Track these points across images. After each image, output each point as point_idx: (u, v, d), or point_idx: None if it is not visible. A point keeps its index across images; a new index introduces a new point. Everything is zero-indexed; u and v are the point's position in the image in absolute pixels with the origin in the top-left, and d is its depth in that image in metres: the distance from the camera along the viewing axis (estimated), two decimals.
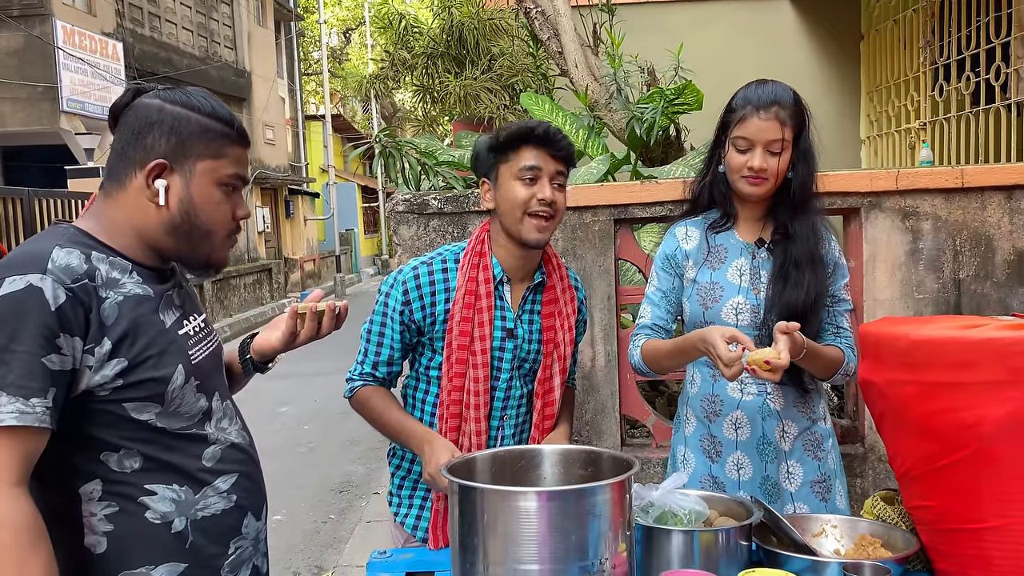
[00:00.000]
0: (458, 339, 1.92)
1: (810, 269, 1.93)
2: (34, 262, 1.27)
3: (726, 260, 2.00)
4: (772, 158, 1.89)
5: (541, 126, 1.88)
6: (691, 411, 2.09)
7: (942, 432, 1.48)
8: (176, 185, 1.40)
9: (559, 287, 2.02)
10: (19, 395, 1.22)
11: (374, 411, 1.98)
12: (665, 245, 2.07)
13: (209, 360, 1.49)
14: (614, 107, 3.80)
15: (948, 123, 5.99)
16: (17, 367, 1.22)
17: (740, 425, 2.01)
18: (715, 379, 2.02)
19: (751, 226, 2.02)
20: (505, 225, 1.92)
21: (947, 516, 1.52)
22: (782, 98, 1.91)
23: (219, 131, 1.42)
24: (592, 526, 1.34)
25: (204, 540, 1.42)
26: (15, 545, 1.19)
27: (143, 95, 1.43)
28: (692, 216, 2.07)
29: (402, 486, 2.08)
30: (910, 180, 2.68)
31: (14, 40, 12.36)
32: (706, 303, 1.99)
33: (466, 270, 1.94)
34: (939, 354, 1.48)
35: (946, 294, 2.72)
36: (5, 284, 1.25)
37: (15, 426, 1.22)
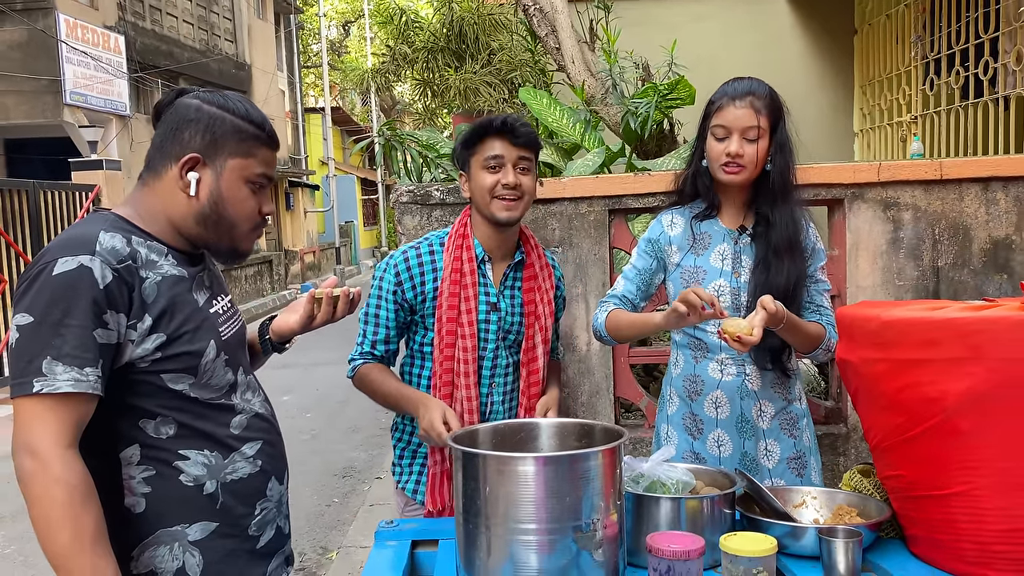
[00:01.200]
0: (447, 313, 2.10)
1: (789, 256, 2.04)
2: (84, 244, 1.38)
3: (710, 246, 2.12)
4: (749, 145, 2.00)
5: (499, 118, 2.08)
6: (674, 391, 2.21)
7: (909, 406, 1.57)
8: (207, 178, 1.51)
9: (537, 265, 2.21)
10: (74, 364, 1.33)
11: (373, 383, 2.16)
12: (650, 230, 2.20)
13: (235, 337, 1.61)
14: (610, 102, 3.90)
15: (938, 116, 6.08)
16: (72, 339, 1.34)
17: (720, 404, 2.13)
18: (696, 360, 2.14)
19: (734, 214, 2.13)
20: (479, 209, 2.11)
21: (916, 484, 1.61)
22: (757, 90, 2.03)
23: (251, 132, 1.53)
24: (585, 489, 1.45)
25: (233, 501, 1.54)
26: (69, 503, 1.30)
27: (185, 95, 1.55)
28: (678, 206, 2.20)
29: (403, 455, 2.25)
30: (891, 172, 2.78)
31: (18, 34, 12.42)
32: (689, 285, 2.10)
33: (451, 251, 2.13)
34: (907, 333, 1.58)
35: (925, 281, 2.82)
36: (59, 264, 1.36)
37: (71, 392, 1.33)
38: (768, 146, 2.03)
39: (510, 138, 2.06)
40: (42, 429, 1.32)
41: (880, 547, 1.68)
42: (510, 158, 2.07)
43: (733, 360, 2.11)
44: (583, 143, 3.93)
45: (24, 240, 9.36)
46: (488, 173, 2.07)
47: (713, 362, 2.12)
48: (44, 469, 1.31)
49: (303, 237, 23.91)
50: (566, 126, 3.99)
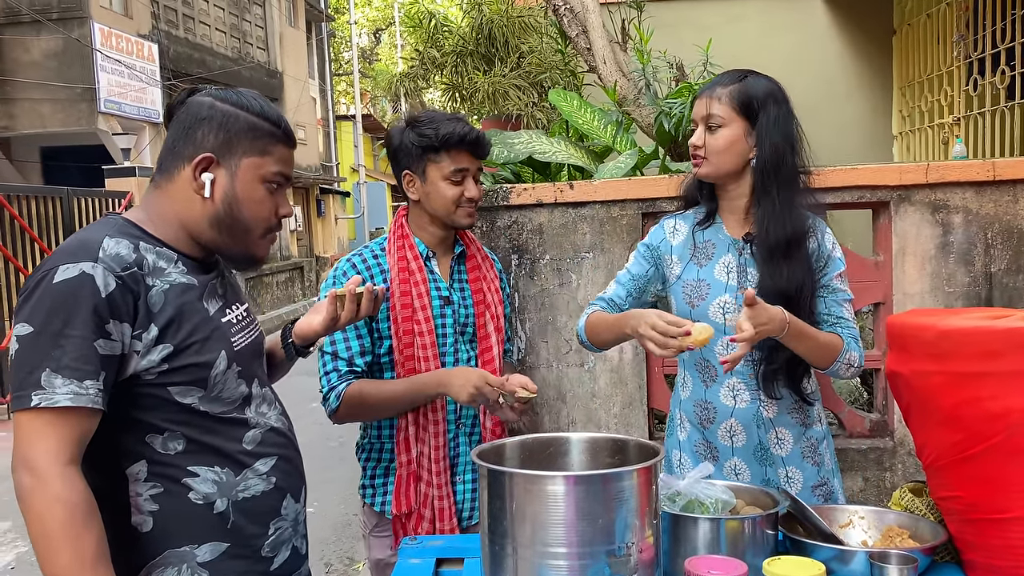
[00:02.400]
0: (401, 313, 2.06)
1: (786, 259, 1.86)
2: (86, 250, 1.33)
3: (713, 256, 1.97)
4: (710, 136, 1.88)
5: (471, 133, 2.05)
6: (684, 415, 2.05)
7: (968, 422, 1.48)
8: (221, 179, 1.45)
9: (478, 256, 2.22)
10: (74, 377, 1.28)
11: (373, 395, 2.04)
12: (652, 235, 2.06)
13: (250, 348, 1.54)
14: (642, 103, 3.81)
15: (982, 118, 5.91)
16: (72, 350, 1.28)
17: (735, 433, 1.97)
18: (706, 385, 1.97)
19: (737, 220, 1.97)
20: (435, 215, 2.10)
21: (974, 506, 1.52)
22: (726, 78, 1.91)
23: (266, 130, 1.47)
24: (619, 511, 1.36)
25: (245, 520, 1.47)
26: (70, 522, 1.25)
27: (197, 94, 1.49)
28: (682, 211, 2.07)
29: (374, 475, 2.18)
30: (940, 173, 2.67)
31: (53, 43, 12.63)
32: (692, 300, 1.96)
33: (394, 252, 2.11)
34: (965, 344, 1.48)
35: (977, 288, 2.70)
36: (59, 271, 1.30)
37: (70, 407, 1.27)
38: (742, 137, 1.87)
39: (477, 152, 2.07)
40: (41, 445, 1.26)
41: (934, 572, 1.57)
42: (472, 170, 2.09)
43: (745, 385, 1.94)
44: (615, 145, 3.84)
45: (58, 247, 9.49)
46: (452, 185, 2.06)
47: (723, 388, 1.95)
48: (43, 487, 1.25)
49: (334, 243, 24.06)
50: (597, 128, 3.91)
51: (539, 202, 2.88)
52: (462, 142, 2.03)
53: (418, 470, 2.09)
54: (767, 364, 1.91)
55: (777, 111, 1.88)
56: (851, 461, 2.88)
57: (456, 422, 2.12)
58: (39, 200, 9.21)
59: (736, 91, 1.87)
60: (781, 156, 1.87)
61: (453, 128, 2.03)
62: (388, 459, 2.14)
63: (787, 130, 1.89)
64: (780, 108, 1.89)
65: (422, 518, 2.09)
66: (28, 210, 8.98)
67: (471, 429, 2.14)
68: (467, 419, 2.13)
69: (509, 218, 2.94)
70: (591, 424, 2.85)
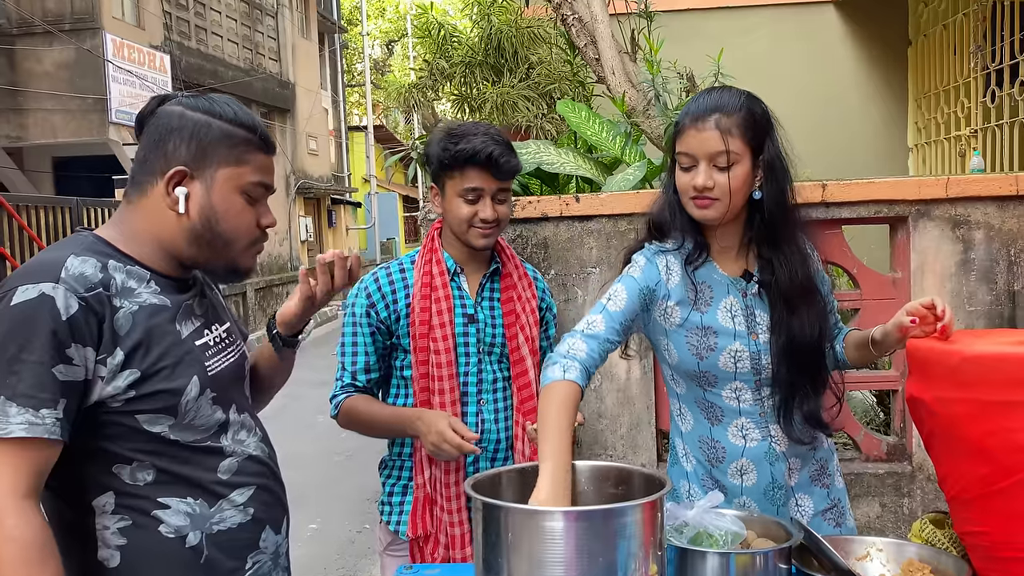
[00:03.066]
0: (419, 328, 2.00)
1: (806, 305, 1.74)
2: (48, 271, 1.26)
3: (713, 300, 1.76)
4: (720, 174, 1.65)
5: (485, 151, 1.93)
6: (689, 450, 1.88)
7: (997, 454, 1.41)
8: (196, 192, 1.38)
9: (515, 274, 2.12)
10: (29, 406, 1.21)
11: (361, 416, 2.04)
12: (646, 275, 1.76)
13: (228, 371, 1.46)
14: (652, 114, 3.75)
15: (1000, 130, 5.82)
16: (27, 377, 1.21)
17: (746, 472, 1.83)
18: (712, 423, 1.81)
19: (731, 256, 1.78)
20: (452, 231, 2.03)
21: (1003, 544, 1.45)
22: (725, 104, 1.67)
23: (241, 137, 1.40)
24: (621, 548, 1.29)
25: (220, 554, 1.39)
26: (20, 561, 1.17)
27: (167, 102, 1.41)
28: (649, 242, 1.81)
29: (392, 492, 2.13)
30: (961, 188, 2.59)
31: (66, 53, 12.70)
32: (700, 353, 1.76)
33: (420, 266, 2.05)
34: (993, 371, 1.41)
35: (1000, 307, 2.62)
36: (18, 293, 1.24)
37: (25, 437, 1.20)
38: (750, 170, 1.68)
39: (493, 171, 1.95)
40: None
41: None
42: (489, 190, 1.97)
43: (756, 424, 1.79)
44: (623, 157, 3.77)
45: None
46: (465, 203, 1.98)
47: (731, 427, 1.80)
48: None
49: None
50: (606, 139, 3.85)
51: (545, 215, 2.82)
52: (472, 160, 1.94)
53: (432, 493, 2.03)
54: (788, 404, 1.78)
55: (775, 135, 1.73)
56: (867, 486, 2.78)
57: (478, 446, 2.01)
58: (48, 210, 9.23)
59: (745, 120, 1.67)
60: (784, 186, 1.73)
61: (469, 145, 1.94)
62: (407, 478, 2.09)
63: (782, 154, 1.74)
64: (775, 131, 1.73)
65: (438, 543, 2.03)
66: (38, 220, 9.00)
67: (493, 455, 2.06)
68: (489, 443, 2.05)
69: (514, 232, 2.88)
70: (597, 445, 2.77)
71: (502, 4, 6.08)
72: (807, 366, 1.75)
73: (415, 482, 2.04)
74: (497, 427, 2.06)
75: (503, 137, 2.01)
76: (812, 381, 1.79)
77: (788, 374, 1.75)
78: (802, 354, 1.73)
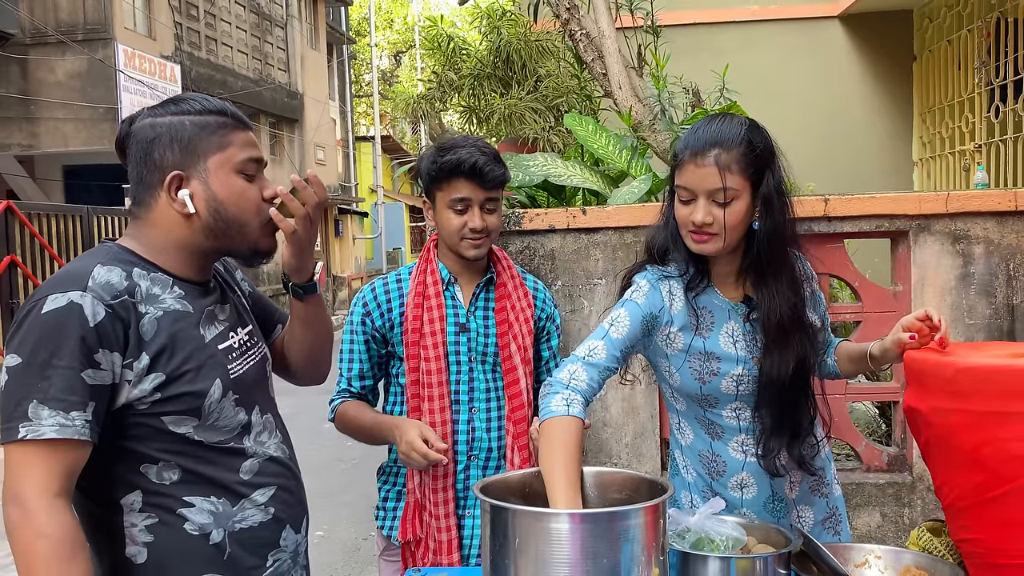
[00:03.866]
0: (410, 336, 2.06)
1: (797, 332, 1.73)
2: (75, 280, 1.31)
3: (714, 326, 1.77)
4: (719, 209, 1.64)
5: (469, 160, 1.96)
6: (689, 463, 1.89)
7: (990, 463, 1.44)
8: (197, 189, 1.42)
9: (511, 284, 2.15)
10: (59, 408, 1.26)
11: (352, 420, 2.10)
12: (650, 300, 1.75)
13: (250, 373, 1.51)
14: (658, 128, 3.80)
15: (1004, 145, 5.86)
16: (58, 381, 1.26)
17: (746, 485, 1.85)
18: (712, 438, 1.83)
19: (730, 282, 1.79)
20: (445, 243, 2.08)
21: (997, 551, 1.48)
22: (725, 138, 1.64)
23: (215, 123, 1.44)
24: (625, 550, 1.33)
25: (242, 552, 1.44)
26: (52, 557, 1.23)
27: (135, 121, 1.46)
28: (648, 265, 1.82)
29: (387, 499, 2.19)
30: (961, 203, 2.63)
31: (78, 63, 12.85)
32: (703, 377, 1.77)
33: (415, 276, 2.11)
34: (987, 382, 1.45)
35: (999, 320, 2.65)
36: (48, 301, 1.29)
37: (56, 438, 1.25)
38: (749, 203, 1.66)
39: (478, 181, 1.99)
40: (29, 478, 1.25)
41: None
42: (477, 200, 2.00)
43: (755, 440, 1.80)
44: (629, 170, 3.82)
45: None
46: (454, 214, 2.01)
47: (732, 443, 1.82)
48: (28, 521, 1.23)
49: (351, 263, 24.19)
50: (612, 153, 3.89)
51: (552, 227, 2.87)
52: (457, 170, 1.97)
53: (422, 499, 2.07)
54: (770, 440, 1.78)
55: (776, 165, 1.70)
56: (868, 496, 2.81)
57: (468, 453, 2.08)
58: (59, 218, 9.32)
59: (745, 155, 1.64)
60: (779, 220, 1.70)
61: (455, 156, 1.98)
62: (402, 484, 2.13)
63: (782, 185, 1.71)
64: (776, 160, 1.71)
65: (427, 548, 2.06)
66: (48, 228, 9.09)
67: (485, 463, 2.10)
68: (480, 451, 2.09)
69: (521, 243, 2.92)
70: (602, 454, 2.81)
71: (511, 18, 6.15)
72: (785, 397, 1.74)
73: (408, 487, 2.08)
74: (489, 436, 2.09)
75: (490, 148, 2.05)
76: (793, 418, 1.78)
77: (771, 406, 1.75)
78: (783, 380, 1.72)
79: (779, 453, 1.78)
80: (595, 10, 4.13)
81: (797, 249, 1.79)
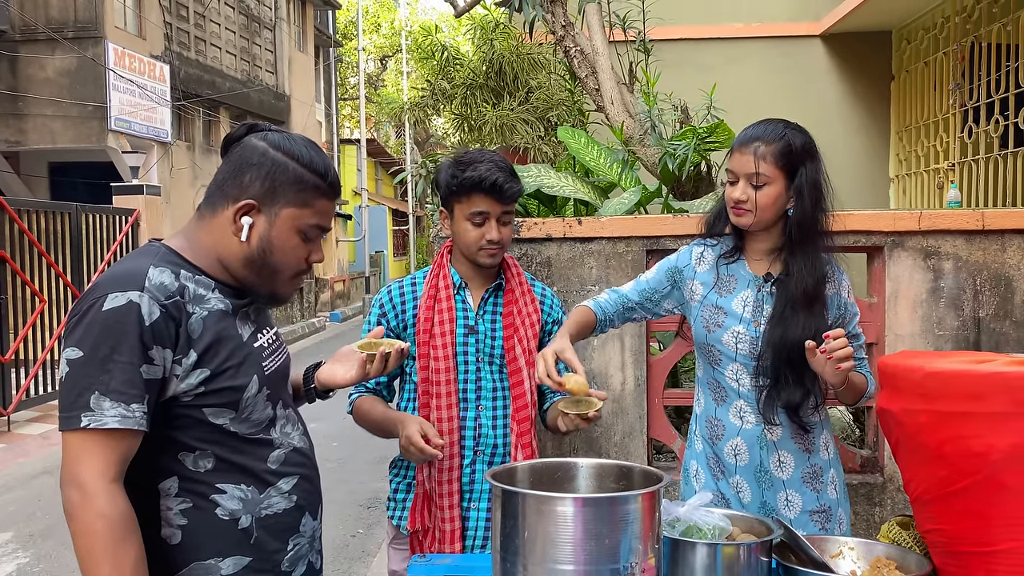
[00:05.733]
0: (422, 336, 2.18)
1: (806, 309, 2.00)
2: (133, 280, 1.40)
3: (734, 290, 2.09)
4: (753, 190, 1.98)
5: (490, 177, 2.10)
6: (699, 430, 2.19)
7: (953, 459, 1.55)
8: (260, 224, 1.51)
9: (518, 290, 2.27)
10: (121, 400, 1.35)
11: (366, 414, 2.21)
12: (679, 257, 2.18)
13: (278, 371, 1.61)
14: (648, 143, 3.93)
15: (976, 165, 6.05)
16: (119, 375, 1.36)
17: (739, 452, 2.09)
18: (717, 403, 2.12)
19: (760, 260, 2.10)
20: (461, 251, 2.21)
21: (958, 539, 1.59)
22: (767, 135, 1.99)
23: (312, 183, 1.52)
24: (624, 532, 1.44)
25: (267, 536, 1.53)
26: (109, 536, 1.32)
27: (254, 133, 1.55)
28: (708, 238, 2.18)
29: (398, 490, 2.30)
30: (932, 221, 2.77)
31: (68, 61, 12.79)
32: (709, 326, 2.09)
33: (429, 280, 2.24)
34: (951, 385, 1.56)
35: (966, 332, 2.79)
36: (108, 300, 1.38)
37: (117, 428, 1.35)
38: (783, 191, 1.99)
39: (497, 196, 2.11)
40: (88, 463, 1.34)
41: None
42: (495, 214, 2.14)
43: (752, 409, 2.07)
44: (620, 182, 3.96)
45: (64, 261, 9.55)
46: (473, 226, 2.14)
47: (732, 408, 2.09)
48: (88, 503, 1.33)
49: (334, 266, 24.13)
50: (603, 165, 4.03)
51: (549, 236, 2.98)
52: (478, 186, 2.10)
53: (429, 491, 2.18)
54: (771, 390, 2.03)
55: (813, 166, 2.01)
56: None
57: (474, 448, 2.20)
58: (48, 215, 9.28)
59: (780, 149, 1.98)
60: (815, 209, 2.01)
61: (475, 172, 2.10)
62: (412, 476, 2.25)
63: (820, 183, 2.02)
64: (815, 162, 2.02)
65: (434, 538, 2.18)
66: (36, 224, 9.05)
67: (490, 458, 2.22)
68: (486, 447, 2.21)
69: (519, 250, 3.04)
70: (592, 452, 2.93)
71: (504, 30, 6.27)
72: (794, 362, 1.98)
73: (417, 479, 2.19)
74: (495, 433, 2.20)
75: (507, 164, 2.18)
76: (797, 376, 2.01)
77: (775, 362, 2.00)
78: (788, 346, 1.97)
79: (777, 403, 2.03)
80: (589, 28, 4.26)
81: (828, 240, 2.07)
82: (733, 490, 2.11)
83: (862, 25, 6.79)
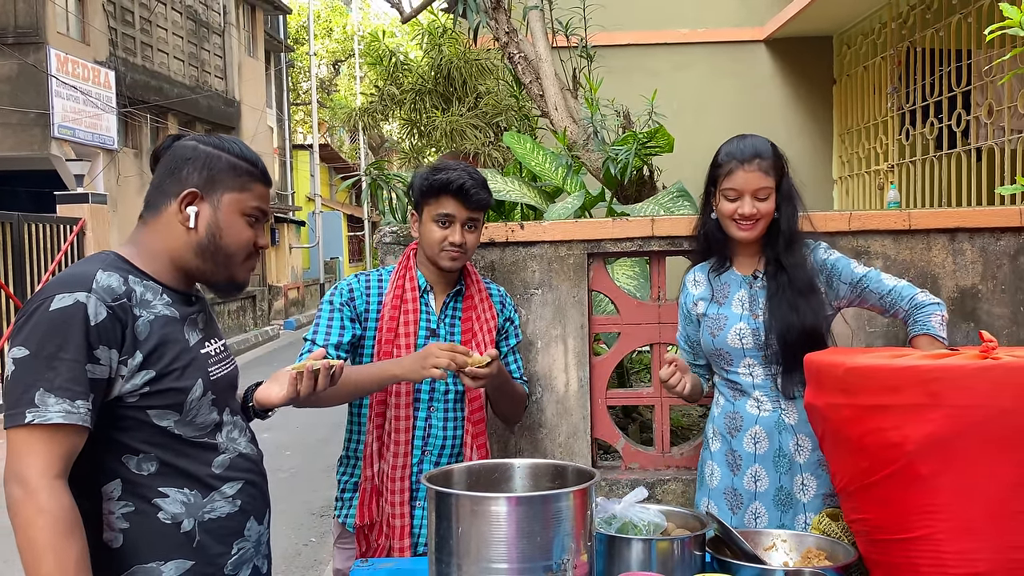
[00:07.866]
0: (385, 335, 2.22)
1: (803, 296, 2.16)
2: (81, 282, 1.43)
3: (729, 295, 2.27)
4: (759, 203, 2.15)
5: (458, 181, 2.16)
6: (716, 429, 2.31)
7: (873, 450, 1.62)
8: (205, 212, 1.58)
9: (477, 297, 2.34)
10: (66, 397, 1.37)
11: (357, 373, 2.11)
12: (682, 297, 2.39)
13: (225, 379, 1.64)
14: (591, 148, 3.99)
15: (914, 166, 6.23)
16: (64, 372, 1.38)
17: (759, 440, 2.22)
18: (735, 399, 2.26)
19: (747, 262, 2.28)
20: (425, 253, 2.25)
21: (879, 528, 1.66)
22: (762, 151, 2.17)
23: (245, 169, 1.61)
24: (556, 530, 1.48)
25: (209, 540, 1.55)
26: (51, 531, 1.33)
27: (182, 139, 1.62)
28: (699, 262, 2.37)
29: (346, 489, 2.32)
30: (861, 222, 2.85)
31: (8, 67, 12.49)
32: (713, 332, 2.26)
33: (395, 280, 2.27)
34: (869, 380, 1.64)
35: (895, 328, 2.87)
36: (56, 300, 1.41)
37: (61, 423, 1.37)
38: (775, 199, 2.18)
39: (463, 201, 2.17)
40: (32, 459, 1.35)
41: None
42: (460, 218, 2.19)
43: (768, 397, 2.21)
44: (565, 187, 4.00)
45: (6, 272, 9.34)
46: (438, 227, 2.19)
47: (750, 399, 2.23)
48: (30, 498, 1.34)
49: (288, 273, 23.91)
50: (549, 170, 4.08)
51: (492, 240, 3.01)
52: (446, 188, 2.16)
53: (379, 485, 2.22)
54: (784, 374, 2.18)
55: (788, 171, 2.24)
56: None
57: (423, 448, 2.25)
58: None
59: (774, 163, 2.18)
60: (796, 208, 2.23)
61: (446, 175, 2.17)
62: (359, 475, 2.27)
63: (794, 185, 2.25)
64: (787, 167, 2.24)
65: (382, 532, 2.21)
66: None
67: (438, 458, 2.26)
68: (434, 447, 2.25)
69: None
70: (537, 453, 2.96)
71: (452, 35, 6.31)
72: (800, 343, 2.10)
73: (364, 474, 2.22)
74: (444, 434, 2.26)
75: (479, 175, 2.25)
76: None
77: (781, 347, 2.15)
78: (793, 328, 2.13)
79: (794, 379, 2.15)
80: (533, 34, 4.31)
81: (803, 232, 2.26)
82: (750, 481, 2.21)
83: (804, 30, 6.94)
